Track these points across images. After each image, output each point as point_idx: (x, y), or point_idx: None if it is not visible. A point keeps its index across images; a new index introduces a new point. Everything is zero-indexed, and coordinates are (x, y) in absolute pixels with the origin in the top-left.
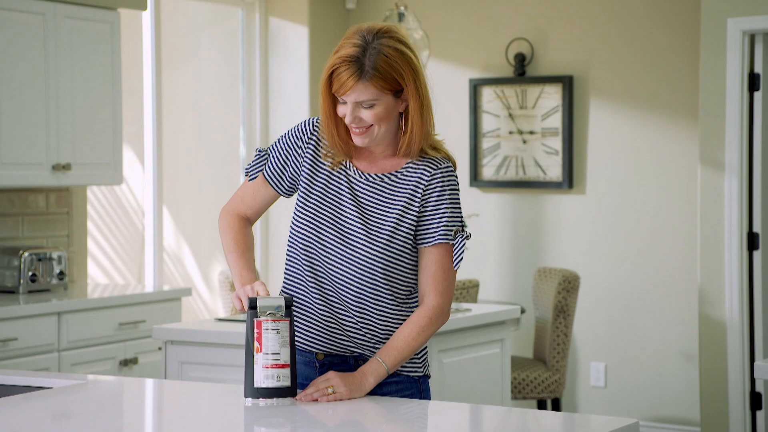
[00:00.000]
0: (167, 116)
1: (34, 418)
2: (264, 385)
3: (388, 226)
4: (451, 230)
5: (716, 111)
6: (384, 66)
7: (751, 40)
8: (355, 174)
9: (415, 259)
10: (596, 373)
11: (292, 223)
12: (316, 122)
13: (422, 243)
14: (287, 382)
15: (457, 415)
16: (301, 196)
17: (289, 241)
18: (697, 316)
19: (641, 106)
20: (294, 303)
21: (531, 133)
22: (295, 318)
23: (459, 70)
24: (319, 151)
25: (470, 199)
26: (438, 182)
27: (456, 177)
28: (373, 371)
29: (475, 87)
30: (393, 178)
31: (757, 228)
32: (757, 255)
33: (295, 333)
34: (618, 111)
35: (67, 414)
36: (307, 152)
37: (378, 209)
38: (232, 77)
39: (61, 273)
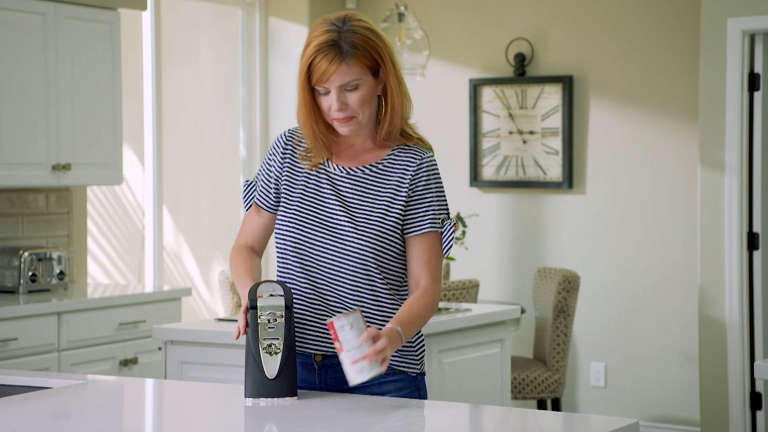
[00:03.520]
0: (167, 116)
1: (34, 418)
2: (359, 381)
3: (376, 216)
4: (439, 218)
5: (716, 111)
6: (361, 44)
7: (751, 40)
8: (335, 170)
9: (404, 245)
10: (596, 373)
11: (277, 228)
12: (289, 132)
13: (411, 232)
14: (378, 369)
15: (456, 415)
16: (283, 201)
17: (277, 247)
18: (697, 316)
19: (641, 106)
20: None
21: (531, 133)
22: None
23: (459, 70)
24: (296, 157)
25: (470, 199)
26: (424, 172)
27: (437, 166)
28: (394, 339)
29: (475, 87)
30: (375, 169)
31: (757, 228)
32: (757, 255)
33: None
34: (618, 111)
35: (67, 414)
36: (285, 162)
37: (363, 201)
38: (232, 77)
39: (61, 273)
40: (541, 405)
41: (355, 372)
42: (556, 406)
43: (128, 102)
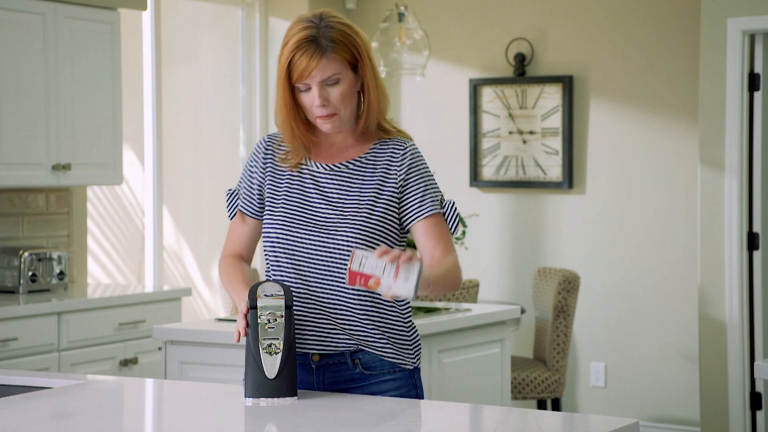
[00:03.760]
0: (167, 116)
1: (34, 418)
2: (412, 286)
3: (364, 209)
4: (437, 199)
5: (716, 111)
6: (340, 38)
7: (751, 40)
8: (318, 168)
9: (395, 232)
10: (596, 373)
11: (265, 231)
12: (268, 137)
13: (415, 219)
14: (416, 264)
15: (456, 415)
16: (268, 205)
17: (265, 251)
18: (697, 316)
19: (641, 106)
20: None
21: (531, 133)
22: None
23: (459, 70)
24: (276, 160)
25: (470, 199)
26: (410, 160)
27: (421, 153)
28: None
29: (475, 87)
30: (358, 163)
31: (757, 228)
32: (757, 255)
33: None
34: (618, 111)
35: (67, 414)
36: (267, 166)
37: (349, 195)
38: (232, 77)
39: (61, 273)
40: (541, 405)
41: (403, 282)
42: (556, 406)
43: (128, 102)
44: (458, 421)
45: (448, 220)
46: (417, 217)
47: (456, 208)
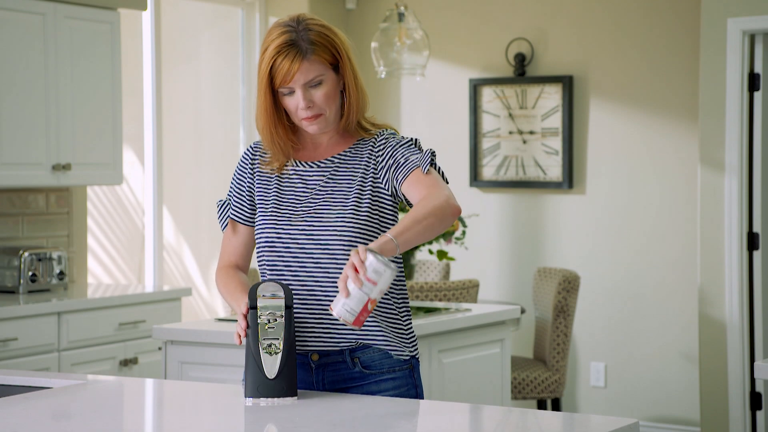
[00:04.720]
0: (167, 116)
1: (34, 418)
2: (337, 308)
3: (352, 199)
4: (413, 158)
5: (716, 111)
6: (319, 39)
7: (751, 40)
8: (304, 167)
9: (388, 220)
10: (596, 373)
11: (257, 233)
12: (254, 144)
13: (401, 181)
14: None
15: (457, 415)
16: (260, 208)
17: (258, 254)
18: (697, 316)
19: (641, 106)
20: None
21: (531, 133)
22: None
23: (459, 70)
24: (263, 165)
25: (470, 199)
26: (383, 141)
27: (399, 136)
28: (381, 243)
29: (475, 87)
30: (343, 157)
31: (757, 228)
32: (757, 255)
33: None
34: (618, 111)
35: (67, 414)
36: (255, 172)
37: (336, 188)
38: (232, 77)
39: (61, 273)
40: (541, 405)
41: (337, 300)
42: (556, 406)
43: (128, 102)
44: (458, 421)
45: (425, 162)
46: (401, 180)
47: (432, 155)
